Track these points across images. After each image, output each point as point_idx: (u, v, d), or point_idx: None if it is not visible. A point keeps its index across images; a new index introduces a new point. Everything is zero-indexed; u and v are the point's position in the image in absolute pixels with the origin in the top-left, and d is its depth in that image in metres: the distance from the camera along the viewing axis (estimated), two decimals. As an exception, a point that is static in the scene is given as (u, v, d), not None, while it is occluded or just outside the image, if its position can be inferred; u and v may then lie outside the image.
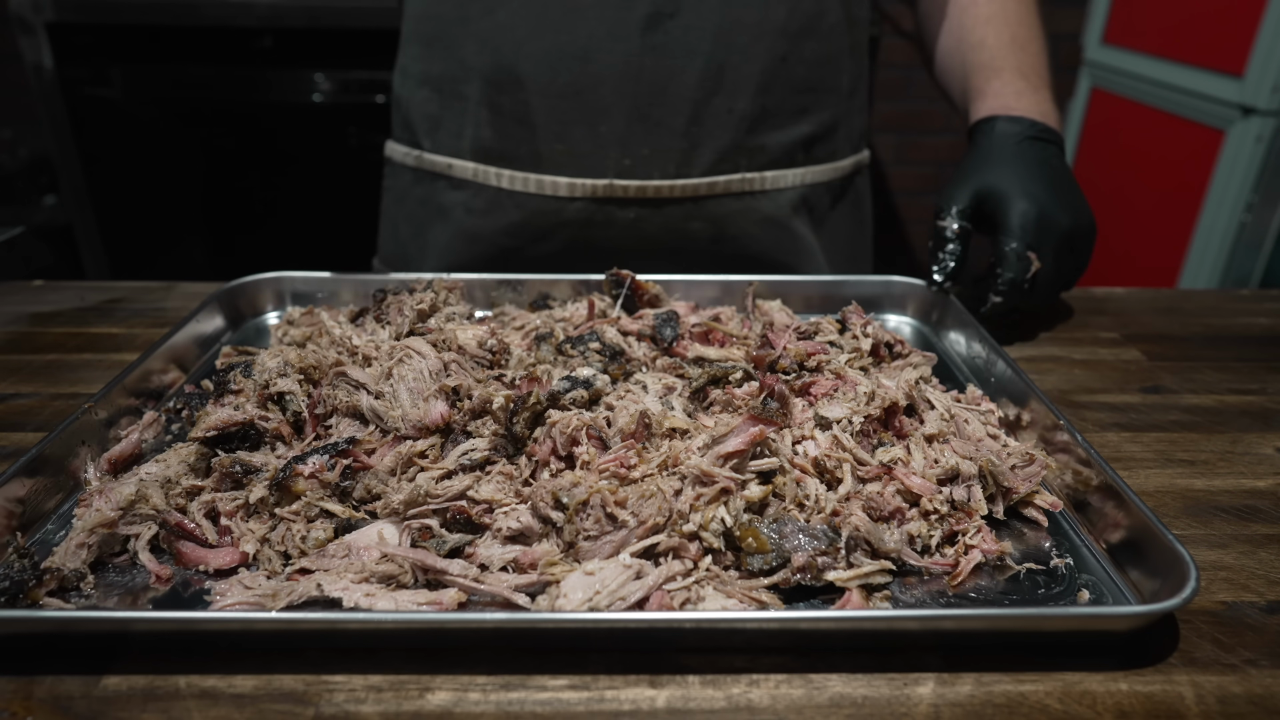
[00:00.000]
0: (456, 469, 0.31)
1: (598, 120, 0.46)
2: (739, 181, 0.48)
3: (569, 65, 0.45)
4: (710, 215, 0.49)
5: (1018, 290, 0.42)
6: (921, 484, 0.31)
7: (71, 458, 0.33)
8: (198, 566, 0.29)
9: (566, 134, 0.47)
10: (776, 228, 0.51)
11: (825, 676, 0.25)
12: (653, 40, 0.44)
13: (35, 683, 0.24)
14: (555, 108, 0.46)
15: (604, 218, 0.49)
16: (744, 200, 0.49)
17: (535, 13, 0.45)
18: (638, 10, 0.44)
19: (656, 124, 0.46)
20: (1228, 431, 0.39)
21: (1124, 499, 0.29)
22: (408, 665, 0.25)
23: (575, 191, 0.48)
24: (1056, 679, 0.25)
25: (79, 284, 0.53)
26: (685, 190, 0.48)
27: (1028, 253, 0.42)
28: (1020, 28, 0.49)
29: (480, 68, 0.47)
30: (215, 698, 0.24)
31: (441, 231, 0.52)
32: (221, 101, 1.13)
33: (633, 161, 0.47)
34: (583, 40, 0.45)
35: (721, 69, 0.46)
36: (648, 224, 0.49)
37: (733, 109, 0.46)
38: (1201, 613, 0.27)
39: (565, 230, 0.49)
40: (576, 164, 0.48)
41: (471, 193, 0.50)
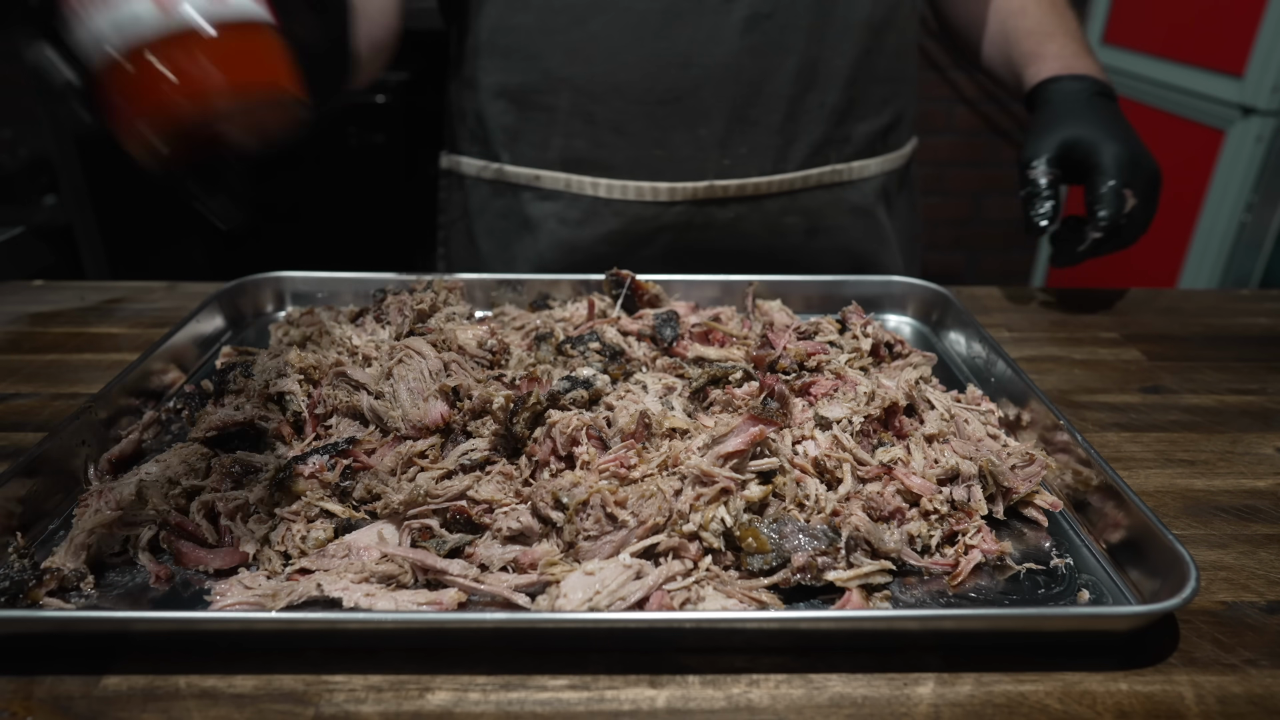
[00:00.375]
0: (456, 469, 0.31)
1: (698, 123, 0.47)
2: (830, 173, 0.50)
3: (669, 71, 0.46)
4: (804, 208, 0.51)
5: (1115, 227, 0.43)
6: (921, 484, 0.31)
7: (71, 458, 0.33)
8: (198, 566, 0.29)
9: (666, 139, 0.47)
10: (864, 217, 0.53)
11: (825, 676, 0.25)
12: (751, 41, 0.45)
13: (35, 683, 0.24)
14: (654, 114, 0.47)
15: (703, 219, 0.49)
16: (834, 192, 0.51)
17: (632, 22, 0.45)
18: (736, 13, 0.45)
19: (754, 123, 0.47)
20: (1228, 431, 0.39)
21: (1124, 499, 0.29)
22: (408, 665, 0.25)
23: (676, 195, 0.48)
24: (1056, 679, 0.25)
25: (79, 284, 0.53)
26: (782, 185, 0.49)
27: (1124, 189, 0.43)
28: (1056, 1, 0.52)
29: (571, 78, 0.47)
30: (215, 698, 0.24)
31: (532, 243, 0.52)
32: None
33: (732, 161, 0.48)
34: (683, 46, 0.45)
35: (815, 65, 0.47)
36: (746, 222, 0.50)
37: (824, 103, 0.48)
38: (1201, 613, 0.27)
39: (665, 235, 0.50)
40: (676, 168, 0.48)
41: (565, 203, 0.50)
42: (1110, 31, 1.15)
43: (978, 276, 1.48)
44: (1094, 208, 0.43)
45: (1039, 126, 0.46)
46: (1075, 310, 0.52)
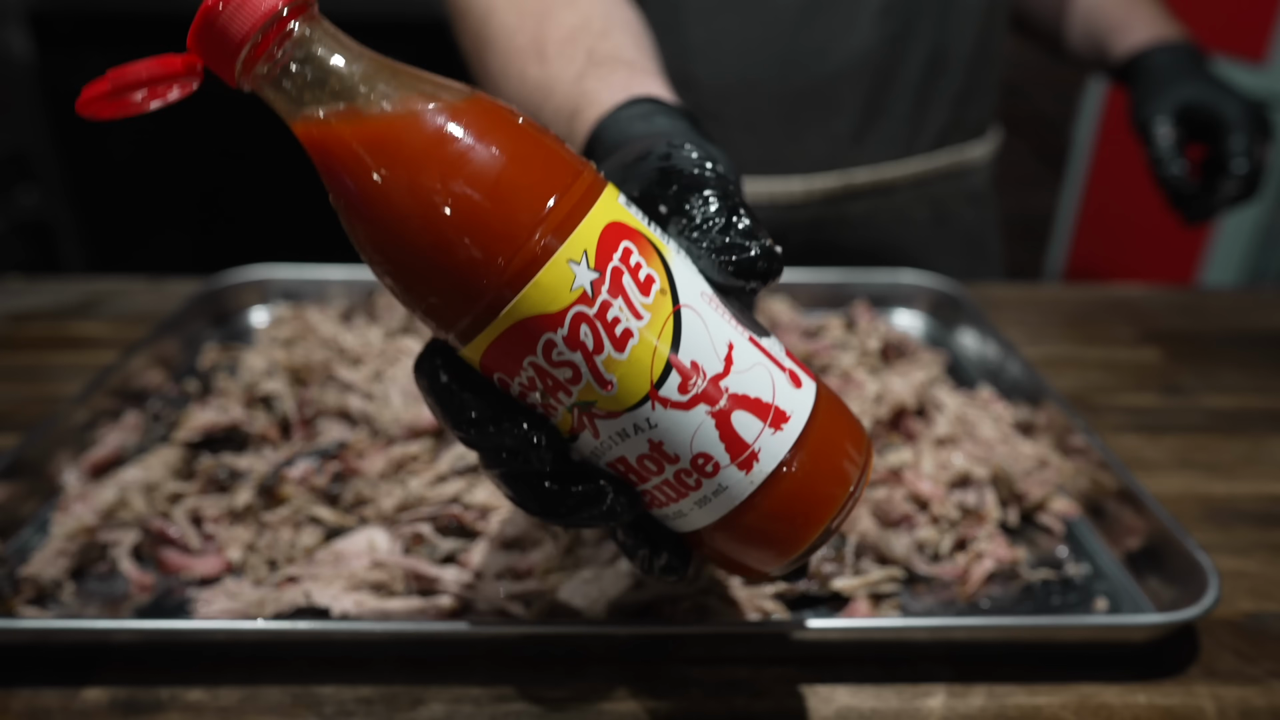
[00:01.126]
0: (450, 473, 0.30)
1: (832, 117, 0.46)
2: (951, 158, 0.50)
3: (805, 66, 0.45)
4: (932, 198, 0.50)
5: (1251, 177, 0.44)
6: (931, 489, 0.30)
7: (50, 462, 0.32)
8: (181, 574, 0.28)
9: (800, 135, 0.46)
10: (979, 204, 0.53)
11: (832, 687, 0.24)
12: (886, 29, 0.45)
13: (12, 695, 0.24)
14: (788, 110, 0.46)
15: (836, 215, 0.48)
16: (955, 181, 0.51)
17: (767, 18, 0.44)
18: (873, 2, 0.44)
19: (885, 112, 0.47)
20: (1250, 434, 0.38)
21: (1142, 504, 0.29)
22: (399, 676, 0.24)
23: (812, 194, 0.47)
24: (1072, 691, 0.24)
25: (57, 281, 0.52)
26: (913, 174, 0.48)
27: (1254, 139, 0.44)
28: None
29: (698, 77, 0.45)
30: (199, 710, 0.23)
31: None
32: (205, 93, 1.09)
33: (865, 153, 0.47)
34: (820, 38, 0.44)
35: (941, 51, 0.47)
36: (879, 215, 0.49)
37: (949, 88, 0.48)
38: (1223, 623, 0.27)
39: (798, 235, 0.49)
40: (810, 164, 0.47)
41: None
42: (1124, 19, 1.11)
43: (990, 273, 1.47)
44: (1228, 159, 0.43)
45: (1150, 89, 0.46)
46: (1091, 308, 0.50)
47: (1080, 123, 1.21)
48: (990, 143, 0.53)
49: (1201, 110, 0.44)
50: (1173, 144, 0.44)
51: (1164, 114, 0.44)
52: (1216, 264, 0.99)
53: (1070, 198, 1.23)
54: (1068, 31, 0.52)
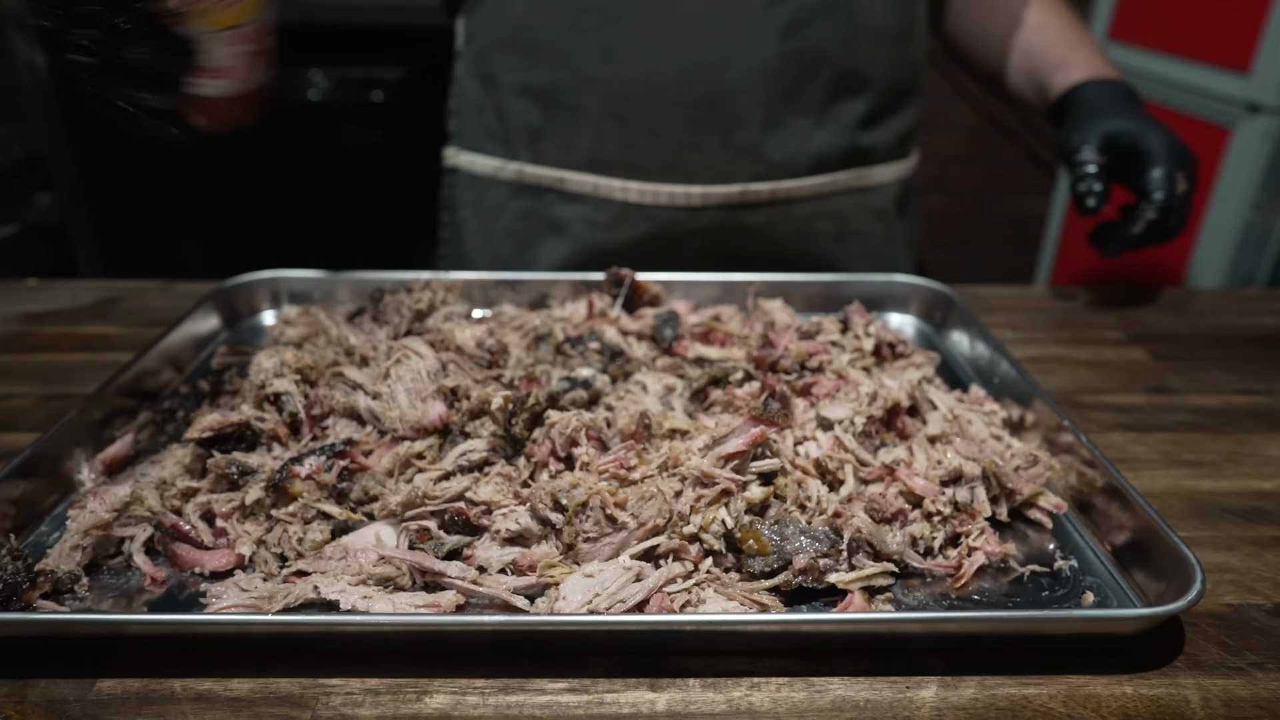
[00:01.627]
0: (455, 470, 0.31)
1: (733, 128, 0.47)
2: (855, 178, 0.51)
3: (707, 75, 0.46)
4: (833, 213, 0.51)
5: (1168, 210, 0.44)
6: (924, 485, 0.31)
7: (66, 459, 0.32)
8: (193, 569, 0.28)
9: (701, 143, 0.47)
10: (885, 222, 0.53)
11: (827, 679, 0.25)
12: (789, 47, 0.46)
13: (29, 686, 0.24)
14: (690, 117, 0.46)
15: (735, 224, 0.49)
16: (859, 197, 0.52)
17: (670, 24, 0.45)
18: (777, 18, 0.45)
19: (788, 128, 0.48)
20: (1234, 432, 0.38)
21: (1129, 500, 0.29)
22: (405, 668, 0.25)
23: (709, 200, 0.48)
24: (1060, 682, 0.25)
25: (73, 283, 0.53)
26: (813, 190, 0.49)
27: (1176, 174, 0.44)
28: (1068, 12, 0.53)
29: (604, 79, 0.46)
30: (211, 701, 0.24)
31: (557, 247, 0.51)
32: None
33: (766, 166, 0.48)
34: (722, 49, 0.45)
35: (847, 73, 0.48)
36: (777, 227, 0.50)
37: (853, 110, 0.49)
38: (1207, 615, 0.27)
39: (697, 239, 0.50)
40: (710, 172, 0.48)
41: (592, 207, 0.50)
42: (1116, 28, 1.14)
43: (981, 275, 1.47)
44: (1148, 189, 0.44)
45: (1079, 120, 0.47)
46: (1080, 309, 0.51)
47: None
48: (902, 167, 0.53)
49: (1126, 140, 0.44)
50: (1093, 169, 0.44)
51: (1090, 144, 0.45)
52: (1202, 267, 1.00)
53: (1060, 202, 1.25)
54: (1010, 72, 0.53)
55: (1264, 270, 0.97)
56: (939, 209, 1.44)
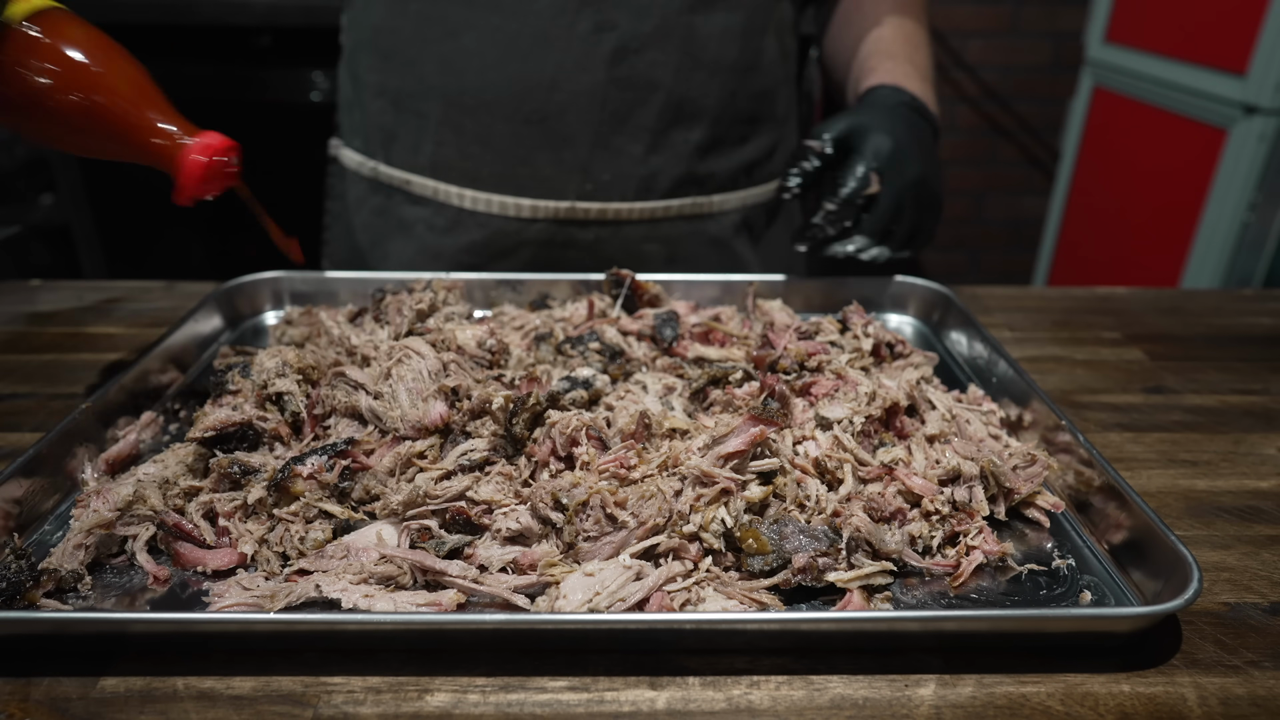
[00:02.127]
0: (455, 469, 0.31)
1: (562, 146, 0.48)
2: (690, 205, 0.51)
3: (536, 93, 0.46)
4: (664, 237, 0.52)
5: (849, 206, 0.43)
6: (923, 485, 0.31)
7: (69, 458, 0.32)
8: (196, 567, 0.29)
9: (531, 158, 0.48)
10: (721, 248, 0.54)
11: (826, 678, 0.25)
12: (618, 73, 0.46)
13: (32, 684, 0.24)
14: (520, 133, 0.47)
15: (564, 238, 0.50)
16: (694, 223, 0.52)
17: (502, 41, 0.46)
18: (605, 45, 0.46)
19: (618, 151, 0.48)
20: (1230, 432, 0.39)
21: (1126, 500, 0.29)
22: (406, 667, 0.25)
23: (538, 213, 0.49)
24: (1058, 680, 0.25)
25: (76, 283, 0.53)
26: (643, 214, 0.50)
27: (871, 173, 0.43)
28: (915, 34, 0.53)
29: (441, 88, 0.47)
30: (213, 699, 0.24)
31: (404, 245, 0.52)
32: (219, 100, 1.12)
33: (594, 186, 0.49)
34: (550, 70, 0.46)
35: (680, 103, 0.48)
36: (606, 245, 0.50)
37: (688, 139, 0.49)
38: (1204, 614, 0.27)
39: (526, 249, 0.51)
40: (540, 186, 0.49)
41: (433, 210, 0.51)
42: (1113, 30, 1.15)
43: (979, 276, 1.47)
44: (836, 182, 0.43)
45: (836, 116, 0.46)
46: (1077, 310, 0.51)
47: (1068, 130, 1.23)
48: (747, 195, 0.52)
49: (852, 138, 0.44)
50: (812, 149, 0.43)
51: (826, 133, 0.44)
52: (1198, 267, 1.00)
53: (1058, 203, 1.26)
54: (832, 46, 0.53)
55: (1260, 271, 0.98)
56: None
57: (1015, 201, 1.45)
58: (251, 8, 1.07)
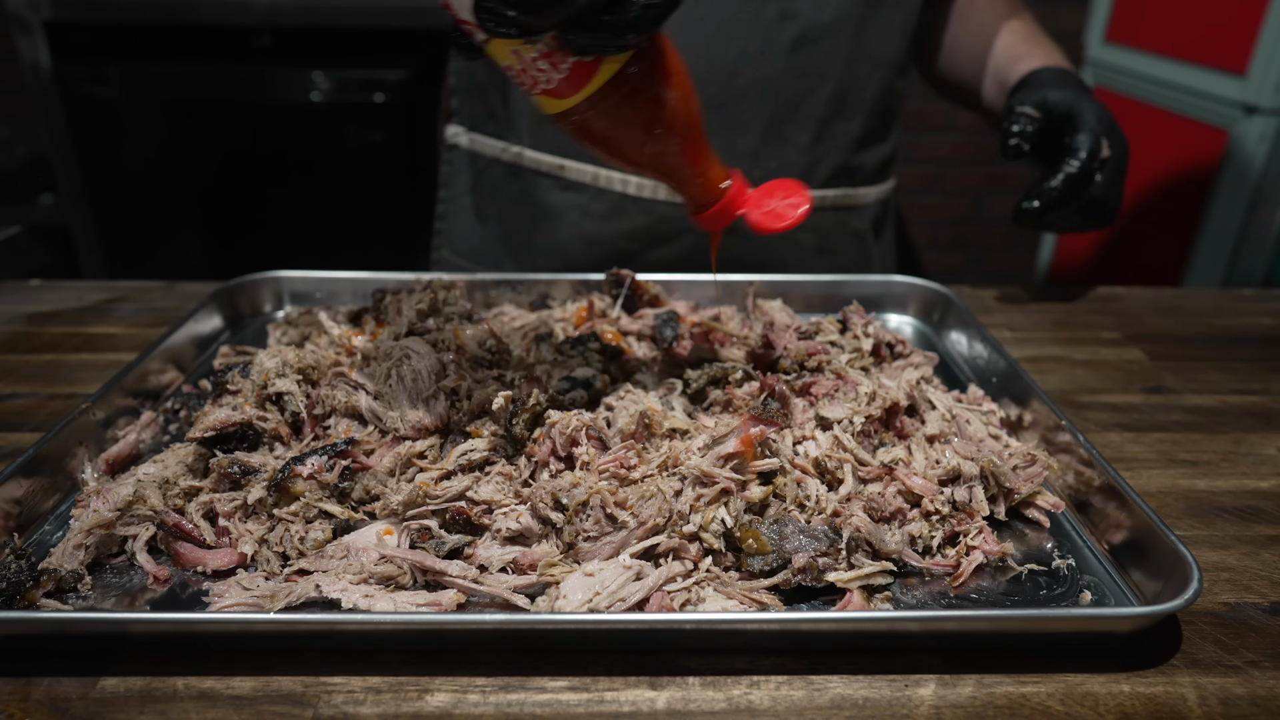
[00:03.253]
0: (455, 469, 0.31)
1: (735, 133, 0.49)
2: (842, 196, 0.52)
3: (717, 79, 0.47)
4: (817, 227, 0.53)
5: (1088, 171, 0.43)
6: (923, 485, 0.31)
7: (69, 458, 0.32)
8: (196, 567, 0.29)
9: None
10: (860, 241, 0.55)
11: (826, 678, 0.25)
12: (795, 61, 0.47)
13: (32, 684, 0.24)
14: None
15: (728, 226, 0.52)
16: (842, 214, 0.54)
17: (688, 25, 0.46)
18: (787, 33, 0.47)
19: (787, 139, 0.49)
20: (1230, 432, 0.39)
21: (1126, 500, 0.29)
22: (406, 666, 0.25)
23: None
24: (1058, 680, 0.25)
25: (76, 283, 0.53)
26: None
27: (1101, 139, 0.44)
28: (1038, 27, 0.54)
29: None
30: (213, 699, 0.24)
31: (551, 232, 0.52)
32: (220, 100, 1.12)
33: (762, 173, 0.50)
34: (733, 56, 0.47)
35: (845, 93, 0.49)
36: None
37: (848, 130, 0.51)
38: (1204, 614, 0.27)
39: (689, 236, 0.51)
40: None
41: (590, 196, 0.51)
42: (1113, 30, 1.15)
43: (979, 276, 1.47)
44: (1072, 146, 0.44)
45: (1022, 91, 0.47)
46: (1077, 310, 0.52)
47: None
48: (882, 190, 0.55)
49: (1061, 107, 0.44)
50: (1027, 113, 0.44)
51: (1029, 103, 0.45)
52: (1199, 267, 1.00)
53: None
54: (984, 79, 0.54)
55: (1260, 271, 0.97)
56: (938, 209, 1.44)
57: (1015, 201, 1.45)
58: (251, 8, 1.07)
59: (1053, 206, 0.44)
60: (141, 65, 1.13)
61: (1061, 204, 0.44)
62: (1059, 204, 0.44)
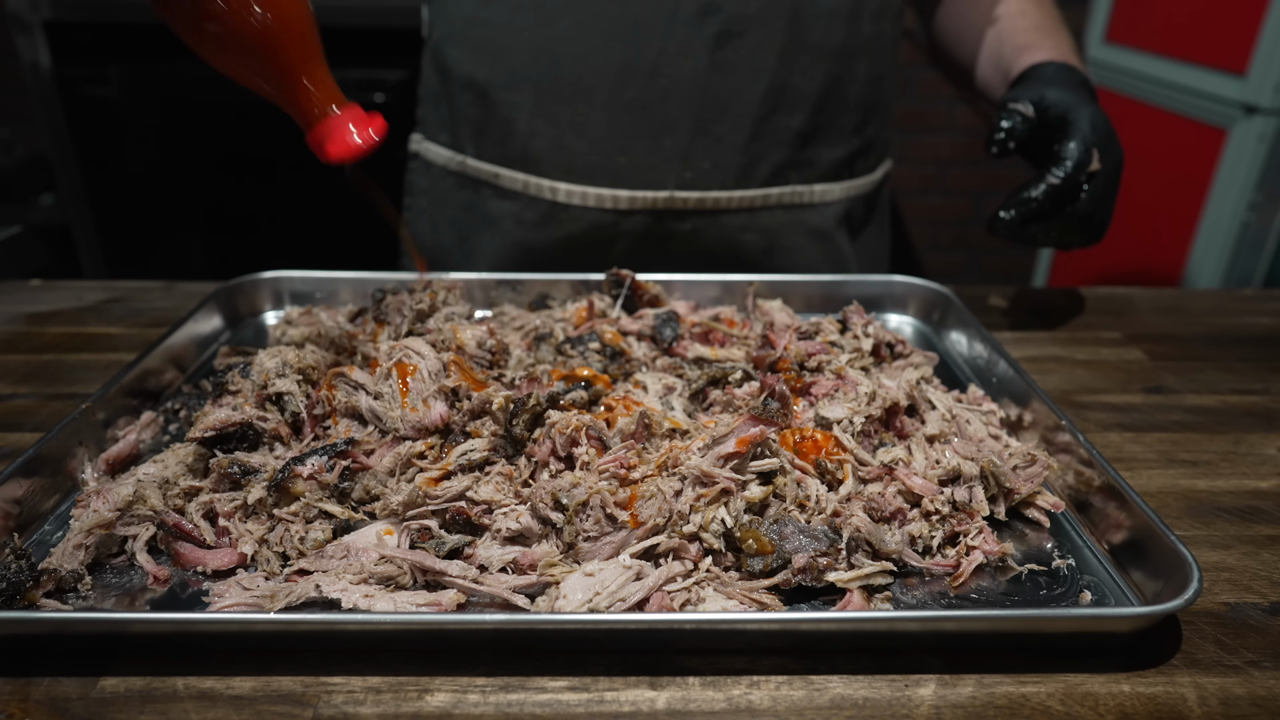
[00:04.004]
0: (456, 470, 0.31)
1: (662, 134, 0.47)
2: (790, 194, 0.50)
3: (637, 80, 0.46)
4: (763, 227, 0.51)
5: (1073, 184, 0.41)
6: (923, 485, 0.31)
7: (69, 458, 0.32)
8: (196, 567, 0.29)
9: (630, 147, 0.47)
10: (822, 240, 0.52)
11: (826, 678, 0.25)
12: (720, 58, 0.45)
13: (33, 684, 0.24)
14: (619, 121, 0.46)
15: (661, 230, 0.49)
16: (794, 213, 0.51)
17: (602, 27, 0.45)
18: (708, 29, 0.45)
19: (719, 139, 0.47)
20: (1230, 432, 0.39)
21: (1126, 500, 0.29)
22: (406, 667, 0.25)
23: (636, 204, 0.48)
24: (1058, 680, 0.25)
25: (76, 283, 0.53)
26: (742, 202, 0.49)
27: (1092, 149, 0.41)
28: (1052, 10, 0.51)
29: (535, 78, 0.46)
30: (213, 699, 0.24)
31: (490, 240, 0.52)
32: (220, 100, 1.12)
33: (694, 174, 0.48)
34: (652, 56, 0.45)
35: (783, 88, 0.47)
36: (704, 235, 0.50)
37: (790, 125, 0.48)
38: (1204, 614, 0.27)
39: (623, 242, 0.50)
40: (638, 176, 0.48)
41: (522, 204, 0.50)
42: (1112, 30, 1.15)
43: (979, 276, 1.48)
44: (1058, 154, 0.41)
45: (1021, 86, 0.45)
46: (1077, 310, 0.51)
47: None
48: (850, 187, 0.51)
49: (1057, 110, 0.42)
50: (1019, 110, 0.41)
51: (1024, 100, 0.42)
52: (1198, 267, 1.00)
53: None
54: (980, 61, 0.51)
55: (1260, 271, 0.97)
56: (937, 209, 1.44)
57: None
58: (251, 8, 1.06)
59: (1031, 219, 0.41)
60: (141, 65, 1.13)
61: (1041, 216, 0.41)
62: (1039, 216, 0.41)
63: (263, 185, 1.20)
